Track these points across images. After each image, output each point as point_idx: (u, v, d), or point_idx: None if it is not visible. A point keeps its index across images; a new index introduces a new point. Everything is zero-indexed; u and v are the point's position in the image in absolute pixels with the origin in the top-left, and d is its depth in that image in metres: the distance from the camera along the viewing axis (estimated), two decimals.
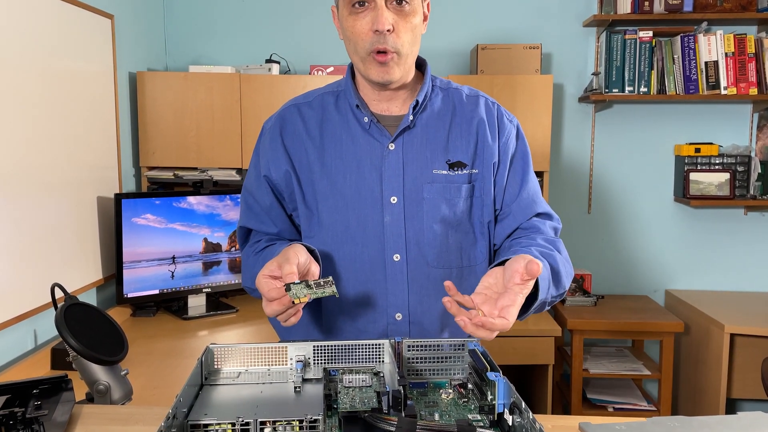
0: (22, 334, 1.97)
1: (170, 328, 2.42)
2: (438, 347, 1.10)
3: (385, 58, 1.19)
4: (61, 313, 1.26)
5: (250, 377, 1.06)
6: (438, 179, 1.28)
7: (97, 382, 1.28)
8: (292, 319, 1.10)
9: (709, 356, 2.79)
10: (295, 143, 1.31)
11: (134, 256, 2.47)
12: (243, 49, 3.11)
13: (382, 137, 1.28)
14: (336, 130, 1.30)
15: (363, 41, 1.20)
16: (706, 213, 3.18)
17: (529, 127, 2.77)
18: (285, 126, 1.33)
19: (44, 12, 2.06)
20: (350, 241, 1.27)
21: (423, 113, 1.31)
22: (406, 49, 1.21)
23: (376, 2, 1.17)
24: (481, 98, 1.35)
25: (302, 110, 1.34)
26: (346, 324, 1.30)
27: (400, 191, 1.27)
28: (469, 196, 1.30)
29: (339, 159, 1.29)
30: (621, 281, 3.25)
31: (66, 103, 2.19)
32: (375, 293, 1.28)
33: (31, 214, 1.99)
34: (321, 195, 1.28)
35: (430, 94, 1.33)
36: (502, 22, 3.09)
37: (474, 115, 1.32)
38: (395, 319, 1.28)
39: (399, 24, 1.19)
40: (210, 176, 2.77)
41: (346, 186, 1.27)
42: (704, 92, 2.91)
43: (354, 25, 1.20)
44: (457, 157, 1.29)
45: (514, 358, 2.67)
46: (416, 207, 1.27)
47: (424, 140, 1.29)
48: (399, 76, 1.23)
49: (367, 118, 1.28)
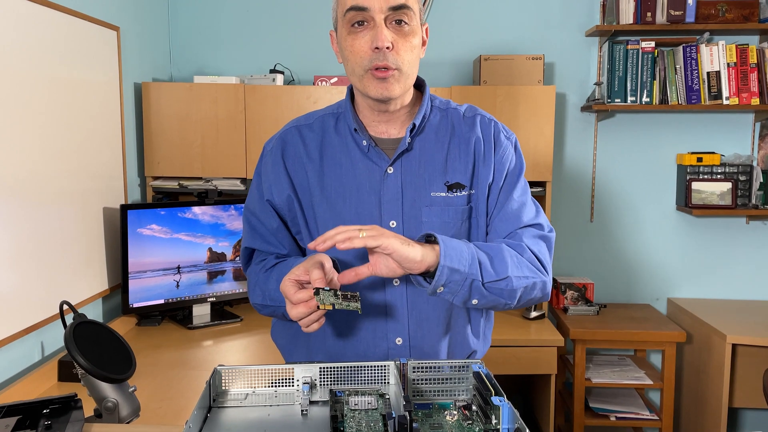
0: (29, 347, 1.99)
1: (175, 338, 2.44)
2: (443, 369, 1.12)
3: (385, 74, 1.19)
4: (70, 332, 1.27)
5: (258, 399, 1.07)
6: (436, 202, 1.28)
7: (105, 399, 1.30)
8: (314, 325, 1.13)
9: (711, 366, 2.80)
10: (296, 166, 1.32)
11: (140, 266, 2.48)
12: (247, 59, 3.13)
13: (380, 161, 1.29)
14: (336, 153, 1.31)
15: (362, 59, 1.20)
16: (708, 222, 3.19)
17: (532, 138, 2.79)
18: (286, 148, 1.34)
19: (52, 26, 2.08)
20: (350, 266, 1.28)
21: (421, 135, 1.31)
22: (406, 67, 1.21)
23: (375, 20, 1.18)
24: (478, 116, 1.35)
25: (303, 132, 1.34)
26: (347, 349, 1.31)
27: (399, 215, 1.28)
28: (467, 217, 1.30)
29: (338, 182, 1.29)
30: (623, 290, 3.26)
31: (72, 114, 2.21)
32: (375, 318, 1.29)
33: (38, 225, 2.01)
34: (321, 219, 1.29)
35: (429, 115, 1.33)
36: (504, 32, 3.11)
37: (471, 135, 1.32)
38: (396, 344, 1.29)
39: (398, 42, 1.19)
40: (214, 186, 2.79)
41: (345, 210, 1.28)
42: (706, 102, 2.93)
43: (353, 44, 1.21)
44: (456, 178, 1.29)
45: (517, 368, 2.68)
46: (415, 230, 1.27)
47: (422, 163, 1.29)
48: (399, 93, 1.23)
49: (366, 142, 1.29)
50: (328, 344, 1.32)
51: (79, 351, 1.25)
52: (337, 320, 1.31)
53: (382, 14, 1.17)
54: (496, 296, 1.19)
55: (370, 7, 1.17)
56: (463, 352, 1.37)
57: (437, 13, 3.11)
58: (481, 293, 1.18)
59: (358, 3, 1.18)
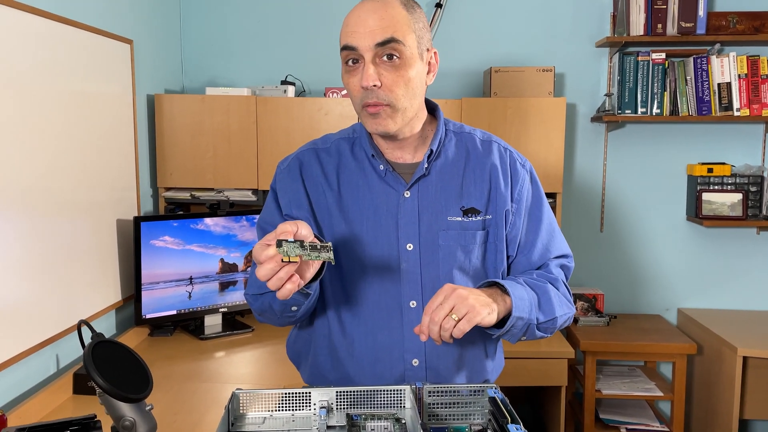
0: (44, 360, 2.01)
1: (188, 349, 2.46)
2: (458, 393, 1.13)
3: (376, 110, 1.21)
4: (89, 352, 1.29)
5: (275, 423, 1.09)
6: (453, 226, 1.30)
7: (123, 418, 1.31)
8: (288, 286, 1.04)
9: (722, 378, 2.80)
10: (314, 185, 1.33)
11: (152, 277, 2.50)
12: (259, 70, 3.15)
13: (397, 185, 1.30)
14: (353, 177, 1.32)
15: (356, 97, 1.23)
16: (718, 233, 3.19)
17: (542, 149, 2.79)
18: (304, 167, 1.35)
19: (67, 40, 2.10)
20: (367, 287, 1.29)
21: (437, 160, 1.32)
22: (401, 102, 1.21)
23: (365, 59, 1.19)
24: (494, 144, 1.37)
25: (320, 155, 1.35)
26: (364, 370, 1.32)
27: (416, 238, 1.29)
28: (484, 242, 1.31)
29: (356, 205, 1.30)
30: (633, 300, 3.26)
31: (86, 127, 2.24)
32: (392, 339, 1.30)
33: (53, 237, 2.03)
34: (340, 240, 1.30)
35: (444, 140, 1.34)
36: (515, 44, 3.12)
37: (487, 161, 1.34)
38: (412, 365, 1.30)
39: (388, 78, 1.20)
40: (226, 197, 2.81)
41: (363, 232, 1.29)
42: (717, 113, 2.92)
43: (349, 82, 1.23)
44: (471, 203, 1.31)
45: (527, 379, 2.69)
46: (432, 254, 1.29)
47: (438, 187, 1.31)
48: (394, 128, 1.24)
49: (383, 167, 1.30)
50: (344, 364, 1.33)
51: (97, 371, 1.26)
52: (352, 341, 1.32)
53: (370, 52, 1.18)
54: (542, 333, 1.26)
55: (358, 46, 1.19)
56: (479, 372, 1.38)
57: (447, 26, 3.12)
58: (533, 333, 1.24)
59: (348, 42, 1.20)
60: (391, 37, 1.18)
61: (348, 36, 1.19)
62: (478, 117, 2.80)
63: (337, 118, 2.79)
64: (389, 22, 1.18)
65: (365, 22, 1.18)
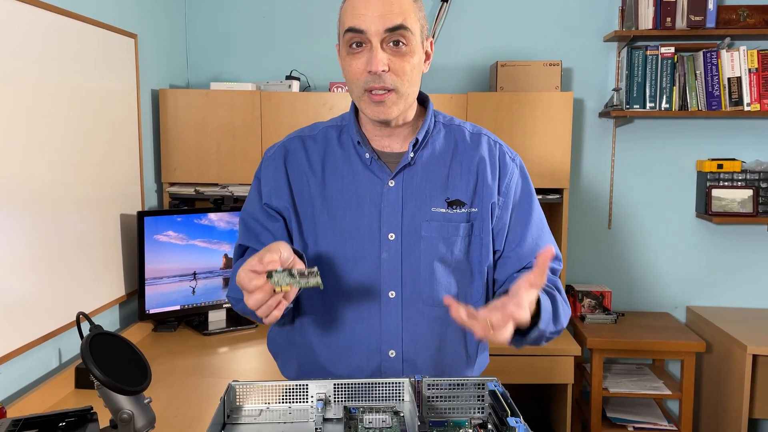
0: (47, 354, 2.00)
1: (191, 344, 2.45)
2: (457, 386, 1.11)
3: (381, 97, 1.20)
4: (86, 344, 1.28)
5: (272, 415, 1.07)
6: (436, 217, 1.28)
7: (121, 411, 1.30)
8: (275, 313, 1.05)
9: (732, 376, 2.76)
10: (297, 175, 1.32)
11: (156, 272, 2.50)
12: (263, 65, 3.13)
13: (382, 173, 1.29)
14: (338, 164, 1.31)
15: (358, 80, 1.21)
16: (728, 229, 3.15)
17: (549, 145, 2.76)
18: (288, 156, 1.34)
19: (71, 33, 2.10)
20: (347, 277, 1.27)
21: (424, 150, 1.31)
22: (404, 88, 1.21)
23: (372, 44, 1.18)
24: (484, 136, 1.35)
25: (306, 143, 1.34)
26: (339, 361, 1.29)
27: (399, 228, 1.27)
28: (468, 235, 1.29)
29: (340, 193, 1.29)
30: (642, 298, 3.22)
31: (91, 121, 2.23)
32: (369, 330, 1.28)
33: (56, 232, 2.02)
34: (321, 229, 1.29)
35: (432, 131, 1.32)
36: (521, 38, 3.09)
37: (475, 153, 1.32)
38: (389, 356, 1.28)
39: (395, 64, 1.19)
40: (230, 192, 2.80)
41: (345, 221, 1.28)
42: (727, 108, 2.88)
43: (350, 65, 1.21)
44: (456, 195, 1.29)
45: (533, 377, 2.66)
46: (414, 245, 1.27)
47: (423, 178, 1.29)
48: (396, 114, 1.23)
49: (368, 155, 1.29)
50: (320, 355, 1.31)
51: (95, 363, 1.25)
52: (328, 331, 1.30)
53: (379, 37, 1.17)
54: (547, 339, 1.24)
55: (367, 30, 1.17)
56: (457, 369, 1.35)
57: (453, 19, 3.10)
58: (537, 341, 1.22)
59: (354, 25, 1.18)
60: (401, 24, 1.18)
61: (355, 18, 1.18)
62: (484, 112, 2.77)
63: (342, 112, 2.76)
64: (399, 8, 1.18)
65: (375, 6, 1.17)
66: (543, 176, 2.77)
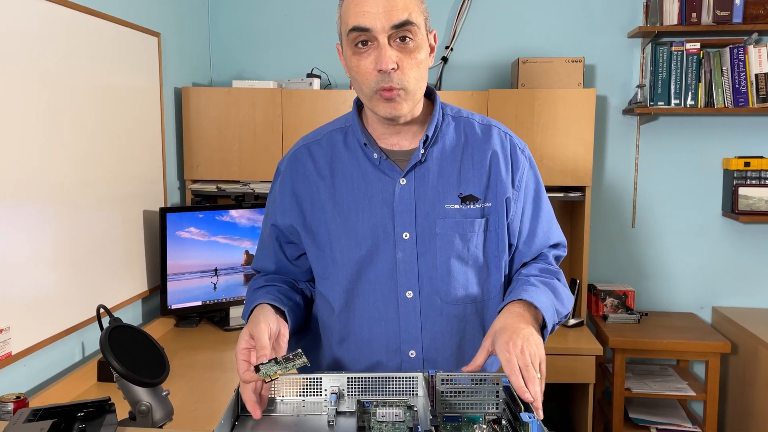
0: (70, 347, 2.04)
1: (212, 340, 2.47)
2: (471, 381, 1.10)
3: (391, 95, 1.17)
4: (105, 336, 1.30)
5: (285, 408, 1.08)
6: (451, 214, 1.26)
7: (139, 403, 1.32)
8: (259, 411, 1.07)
9: (758, 378, 2.71)
10: (306, 186, 1.31)
11: (178, 268, 2.52)
12: (285, 63, 3.15)
13: (393, 172, 1.27)
14: (346, 167, 1.29)
15: (368, 80, 1.17)
16: (755, 228, 3.09)
17: (572, 141, 2.74)
18: (296, 169, 1.33)
19: (95, 33, 2.13)
20: (363, 279, 1.26)
21: (434, 146, 1.28)
22: (412, 85, 1.18)
23: (379, 41, 1.15)
24: (494, 128, 1.32)
25: (312, 150, 1.33)
26: (360, 363, 1.29)
27: (413, 226, 1.25)
28: (483, 230, 1.27)
29: (351, 196, 1.27)
30: (666, 298, 3.17)
31: (114, 119, 2.26)
32: (388, 331, 1.27)
33: (81, 228, 2.06)
34: (334, 234, 1.28)
35: (441, 125, 1.30)
36: (543, 34, 3.06)
37: (487, 146, 1.29)
38: (409, 357, 1.27)
39: (403, 61, 1.16)
40: (252, 189, 2.82)
41: (358, 223, 1.26)
42: (754, 105, 2.83)
43: (358, 65, 1.18)
44: (469, 190, 1.27)
45: (554, 377, 2.63)
46: (429, 243, 1.25)
47: (435, 174, 1.27)
48: (407, 111, 1.21)
49: (377, 155, 1.26)
50: (340, 359, 1.31)
51: (113, 355, 1.27)
52: (347, 335, 1.30)
53: (385, 34, 1.14)
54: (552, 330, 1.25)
55: (373, 28, 1.14)
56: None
57: (474, 16, 3.08)
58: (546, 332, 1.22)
59: (359, 23, 1.15)
60: (407, 19, 1.15)
61: (359, 16, 1.15)
62: (505, 109, 2.75)
63: None
64: (403, 3, 1.15)
65: (378, 2, 1.14)
66: (565, 174, 2.74)
